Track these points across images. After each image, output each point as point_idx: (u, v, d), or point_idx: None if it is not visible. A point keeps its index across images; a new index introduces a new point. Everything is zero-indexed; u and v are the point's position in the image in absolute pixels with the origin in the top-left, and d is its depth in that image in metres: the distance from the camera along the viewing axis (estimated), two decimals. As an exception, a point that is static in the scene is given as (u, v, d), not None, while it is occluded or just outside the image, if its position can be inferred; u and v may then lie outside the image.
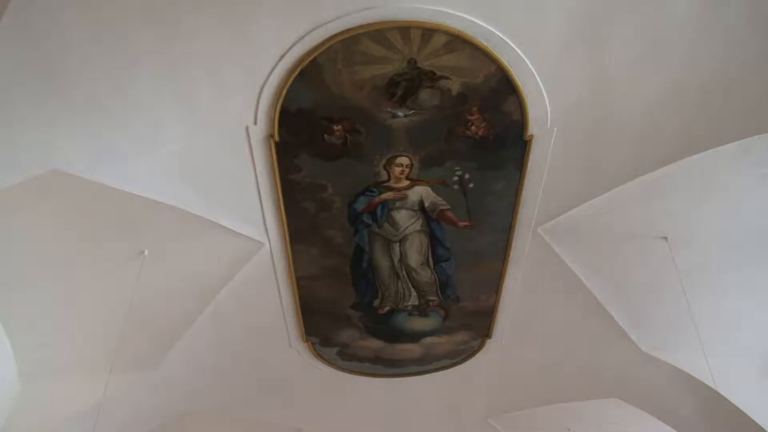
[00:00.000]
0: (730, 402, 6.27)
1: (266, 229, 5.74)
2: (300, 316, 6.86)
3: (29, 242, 5.39)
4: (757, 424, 6.14)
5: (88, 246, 5.56)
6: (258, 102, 4.67)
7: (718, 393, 6.27)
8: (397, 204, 5.64)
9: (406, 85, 4.60)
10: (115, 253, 5.68)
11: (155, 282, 5.95)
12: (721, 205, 5.43)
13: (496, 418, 8.86)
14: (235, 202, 5.46)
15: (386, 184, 5.41)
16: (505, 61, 4.43)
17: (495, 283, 6.47)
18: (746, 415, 6.19)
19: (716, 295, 6.18)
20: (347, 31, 4.22)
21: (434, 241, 6.03)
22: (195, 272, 6.07)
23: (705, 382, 6.37)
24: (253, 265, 6.05)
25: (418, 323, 7.00)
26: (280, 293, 6.50)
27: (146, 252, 5.69)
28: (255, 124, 4.80)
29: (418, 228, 5.90)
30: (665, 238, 5.73)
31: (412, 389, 8.23)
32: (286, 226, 5.71)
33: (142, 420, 7.57)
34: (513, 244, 5.98)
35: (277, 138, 4.88)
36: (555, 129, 4.88)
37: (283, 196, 5.41)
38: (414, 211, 5.71)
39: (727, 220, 5.56)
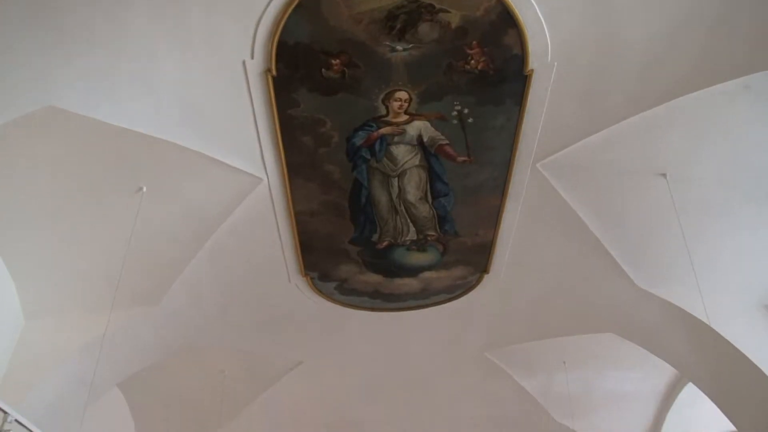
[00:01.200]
0: (723, 337, 6.38)
1: (264, 164, 5.73)
2: (299, 251, 6.90)
3: (28, 180, 5.39)
4: (747, 358, 6.25)
5: (87, 183, 5.56)
6: (255, 35, 4.59)
7: (711, 328, 6.37)
8: (396, 139, 5.61)
9: (405, 18, 4.52)
10: (114, 190, 5.69)
11: (154, 218, 5.98)
12: (721, 142, 5.40)
13: (493, 351, 9.02)
14: (233, 138, 5.42)
15: (385, 118, 5.37)
16: (506, -8, 4.35)
17: (493, 219, 6.48)
18: (738, 349, 6.30)
19: (713, 233, 6.20)
20: (345, -39, 4.13)
21: (433, 176, 6.01)
22: (194, 208, 6.08)
23: (698, 317, 6.46)
24: (251, 200, 6.06)
25: (417, 258, 7.05)
26: (279, 229, 6.53)
27: (145, 188, 5.69)
28: (252, 58, 4.73)
29: (417, 163, 5.88)
30: (664, 175, 5.71)
31: (411, 323, 8.35)
32: (284, 162, 5.69)
33: (144, 354, 7.71)
34: (512, 180, 5.97)
35: (274, 72, 4.82)
36: (555, 64, 4.82)
37: (281, 131, 5.37)
38: (412, 146, 5.68)
39: (727, 157, 5.53)
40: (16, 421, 4.57)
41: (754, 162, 5.53)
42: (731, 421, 7.04)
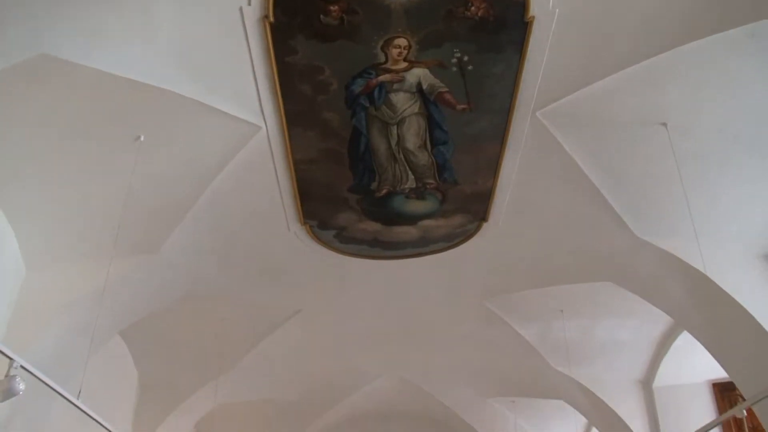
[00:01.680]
0: (719, 286, 6.42)
1: (263, 112, 5.68)
2: (298, 199, 6.90)
3: (24, 131, 5.36)
4: (743, 307, 6.30)
5: (84, 132, 5.52)
6: (251, -20, 4.52)
7: (708, 278, 6.40)
8: (395, 86, 5.54)
9: (405, -38, 4.44)
10: (111, 139, 5.65)
11: (153, 167, 5.96)
12: (723, 92, 5.33)
13: (491, 300, 9.10)
14: (231, 86, 5.36)
15: (384, 66, 5.29)
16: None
17: (492, 167, 6.46)
18: (733, 299, 6.35)
19: (712, 183, 6.19)
20: None
21: (432, 124, 5.97)
22: (192, 157, 6.06)
23: (696, 267, 6.50)
24: (250, 149, 6.03)
25: (416, 206, 7.05)
26: (277, 177, 6.51)
27: (142, 137, 5.65)
28: (249, 4, 4.64)
29: (416, 111, 5.83)
30: (665, 125, 5.67)
31: (409, 271, 8.40)
32: (282, 110, 5.64)
33: (144, 303, 7.81)
34: (511, 128, 5.93)
35: (272, 19, 4.73)
36: (557, 10, 4.73)
37: (279, 79, 5.31)
38: (412, 93, 5.62)
39: (729, 107, 5.46)
40: (22, 367, 4.64)
41: (756, 112, 5.47)
42: (724, 368, 7.15)
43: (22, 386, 4.55)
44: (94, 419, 6.00)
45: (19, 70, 4.43)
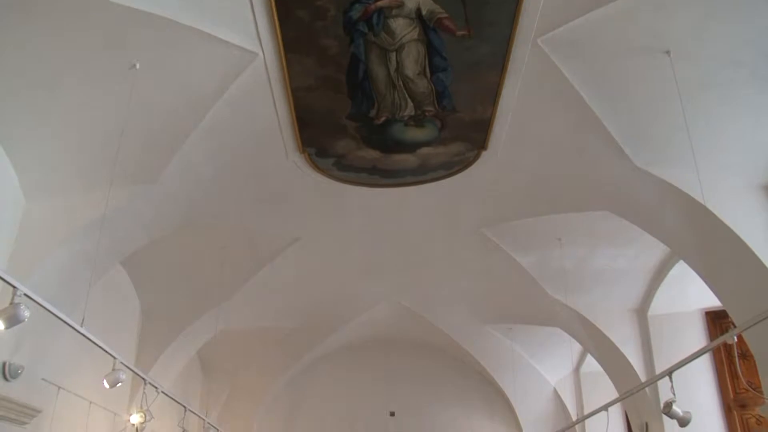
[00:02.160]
0: (717, 217, 6.43)
1: (260, 39, 5.57)
2: (296, 127, 6.85)
3: (18, 61, 5.29)
4: (739, 238, 6.34)
5: (78, 61, 5.44)
6: None
7: (706, 208, 6.41)
8: (394, 12, 5.43)
9: None
10: (106, 67, 5.57)
11: (149, 95, 5.90)
12: (729, 20, 5.19)
13: (489, 228, 9.13)
14: (228, 12, 5.25)
15: (382, -10, 5.20)
16: None
17: (492, 95, 6.38)
18: (731, 229, 6.38)
19: (714, 113, 6.11)
20: None
21: (431, 51, 5.87)
22: (188, 85, 5.98)
23: (694, 197, 6.50)
24: (247, 76, 5.94)
25: (414, 134, 7.00)
26: (275, 104, 6.45)
27: (137, 65, 5.56)
28: (244, -75, 4.53)
29: (415, 37, 5.72)
30: (668, 53, 5.55)
31: (408, 200, 8.42)
32: (279, 36, 5.53)
33: (143, 232, 7.85)
34: (511, 55, 5.82)
35: (267, -61, 4.63)
36: (560, -67, 4.61)
37: (277, 4, 5.18)
38: (411, 19, 5.51)
39: (734, 36, 5.34)
40: (25, 295, 4.69)
41: (762, 42, 5.36)
42: (718, 297, 7.25)
43: (26, 314, 4.61)
44: (98, 346, 6.11)
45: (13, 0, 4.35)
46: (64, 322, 5.41)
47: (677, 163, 6.55)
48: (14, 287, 4.59)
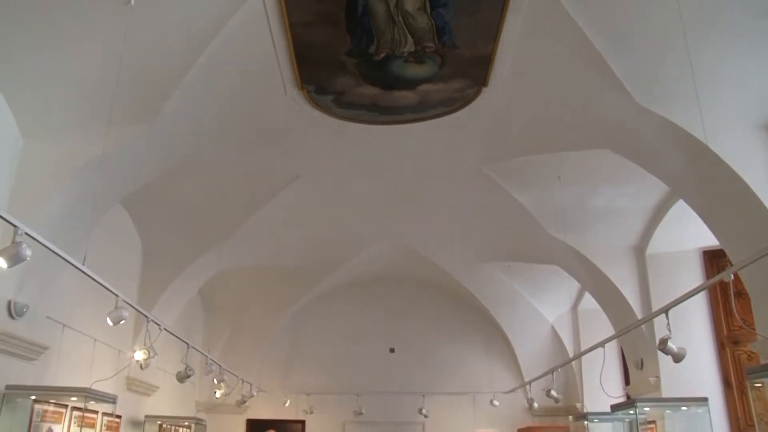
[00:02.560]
0: (718, 156, 6.40)
1: (256, -29, 5.48)
2: (294, 63, 6.75)
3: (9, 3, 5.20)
4: (740, 177, 6.33)
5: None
6: None
7: (708, 147, 6.37)
8: (394, -55, 5.32)
9: None
10: (102, 4, 5.47)
11: (145, 32, 5.82)
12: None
13: (489, 166, 9.11)
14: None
15: None
16: None
17: (493, 31, 6.26)
18: (731, 168, 6.36)
19: (719, 50, 5.98)
20: None
21: (432, -15, 5.77)
22: (185, 21, 5.88)
23: (696, 136, 6.45)
24: (245, 11, 5.82)
25: (414, 70, 6.90)
26: (273, 40, 6.34)
27: (132, 1, 5.43)
28: None
29: (415, -29, 5.62)
30: (673, -12, 5.45)
31: (408, 137, 8.36)
32: (277, -31, 5.44)
33: (142, 172, 7.85)
34: (514, -10, 5.74)
35: None
36: None
37: (273, -65, 5.09)
38: (411, -48, 5.41)
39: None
40: (26, 234, 4.71)
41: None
42: (716, 236, 7.28)
43: (28, 252, 4.64)
44: (100, 284, 6.16)
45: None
46: (66, 260, 5.45)
47: (679, 101, 6.48)
48: (15, 226, 4.61)
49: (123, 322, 6.51)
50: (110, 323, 6.44)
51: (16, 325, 6.84)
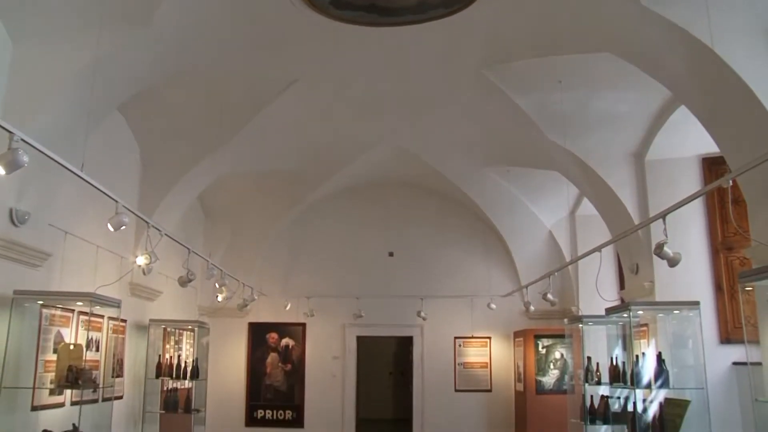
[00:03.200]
0: (723, 61, 6.25)
1: None
2: (291, -36, 6.55)
3: None
4: (744, 82, 6.21)
5: None
6: None
7: (713, 51, 6.24)
8: None
9: None
10: None
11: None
12: None
13: (489, 69, 8.97)
14: None
15: None
16: None
17: (496, -70, 6.06)
18: (736, 73, 6.23)
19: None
20: None
21: None
22: None
23: (702, 40, 6.31)
24: None
25: (414, -29, 6.71)
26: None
27: None
28: None
29: None
30: None
31: (407, 40, 8.17)
32: None
33: (138, 77, 7.73)
34: None
35: None
36: None
37: None
38: None
39: None
40: (22, 140, 4.69)
41: None
42: (717, 143, 7.25)
43: (25, 158, 4.65)
44: (99, 189, 6.18)
45: None
46: (62, 165, 5.46)
47: (685, 3, 6.31)
48: (10, 132, 4.59)
49: (123, 228, 6.57)
50: (111, 229, 6.50)
51: (19, 232, 6.91)
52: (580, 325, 9.96)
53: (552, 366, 14.03)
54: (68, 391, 7.98)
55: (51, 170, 6.20)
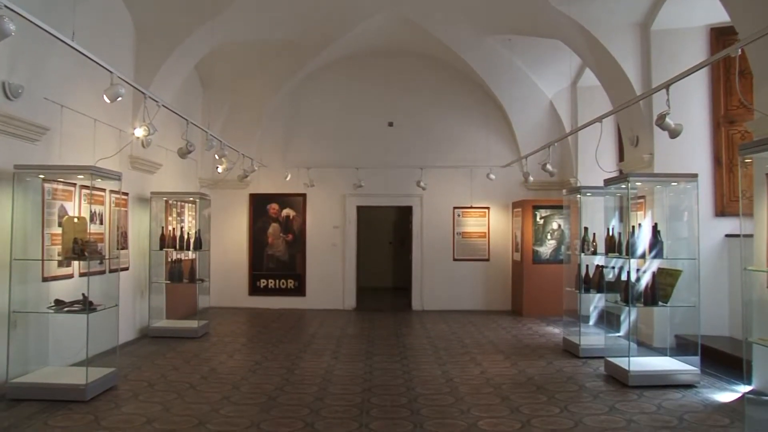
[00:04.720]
0: None
1: None
2: None
3: None
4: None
5: None
6: None
7: None
8: None
9: None
10: None
11: None
12: None
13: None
14: None
15: None
16: None
17: None
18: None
19: None
20: None
21: None
22: None
23: None
24: None
25: None
26: None
27: None
28: None
29: None
30: None
31: None
32: None
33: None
34: None
35: None
36: None
37: None
38: None
39: None
40: (6, 6, 4.56)
41: None
42: (727, 11, 7.06)
43: (11, 26, 4.55)
44: (92, 60, 6.08)
45: None
46: (51, 34, 5.37)
47: None
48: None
49: (120, 99, 6.52)
50: (107, 101, 6.45)
51: (14, 106, 6.85)
52: (579, 196, 10.03)
53: (549, 236, 14.30)
54: (76, 263, 8.17)
55: (42, 41, 6.06)
